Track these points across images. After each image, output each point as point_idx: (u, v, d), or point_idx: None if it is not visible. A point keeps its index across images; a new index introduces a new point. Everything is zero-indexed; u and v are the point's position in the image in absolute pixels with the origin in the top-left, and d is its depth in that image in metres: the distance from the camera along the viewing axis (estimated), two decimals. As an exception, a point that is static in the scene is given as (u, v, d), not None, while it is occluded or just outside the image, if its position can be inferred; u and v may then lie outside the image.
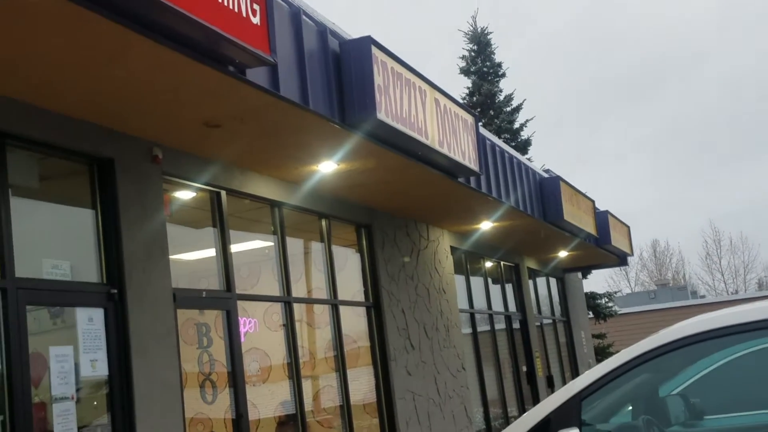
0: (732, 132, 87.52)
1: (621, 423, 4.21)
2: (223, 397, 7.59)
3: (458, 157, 8.78)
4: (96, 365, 5.89)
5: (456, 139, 8.76)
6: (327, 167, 8.12)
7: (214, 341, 7.72)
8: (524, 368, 15.56)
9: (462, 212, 11.45)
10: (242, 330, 7.89)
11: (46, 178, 6.18)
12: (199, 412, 7.67)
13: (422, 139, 7.92)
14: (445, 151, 8.45)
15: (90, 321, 5.91)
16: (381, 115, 7.06)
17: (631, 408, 4.34)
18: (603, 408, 4.20)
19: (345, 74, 6.96)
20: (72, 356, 5.70)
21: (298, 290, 8.98)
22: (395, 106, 7.34)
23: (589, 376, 4.01)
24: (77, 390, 5.71)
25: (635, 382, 4.31)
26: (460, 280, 13.30)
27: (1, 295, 5.22)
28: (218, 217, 7.72)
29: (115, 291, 6.13)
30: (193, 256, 8.11)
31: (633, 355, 3.97)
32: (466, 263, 13.78)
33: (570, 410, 3.90)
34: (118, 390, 6.02)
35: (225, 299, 7.57)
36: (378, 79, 7.04)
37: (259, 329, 8.55)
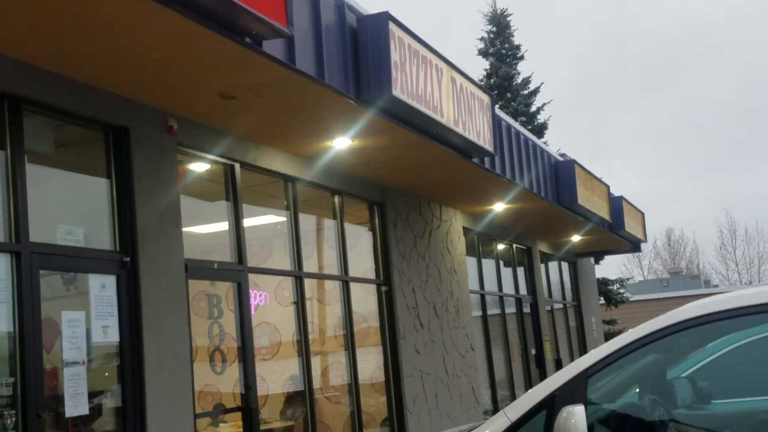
0: (748, 121, 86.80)
1: (627, 402, 4.21)
2: (232, 369, 7.65)
3: (473, 137, 8.75)
4: (108, 332, 5.94)
5: (471, 119, 8.73)
6: (341, 143, 8.12)
7: (225, 313, 7.78)
8: (533, 351, 15.58)
9: (475, 193, 11.44)
10: (253, 303, 7.93)
11: (61, 145, 6.22)
12: (208, 383, 7.74)
13: (437, 118, 7.90)
14: (459, 130, 8.43)
15: (102, 288, 5.96)
16: (396, 92, 7.04)
17: (637, 389, 4.35)
18: (609, 387, 4.20)
19: (361, 50, 6.94)
20: (84, 322, 5.75)
21: (309, 266, 9.01)
22: (411, 83, 7.32)
23: (596, 354, 4.01)
24: (88, 355, 5.77)
25: (643, 362, 4.30)
26: (471, 262, 13.31)
27: (14, 259, 5.27)
28: (232, 191, 7.75)
29: (128, 259, 6.17)
30: (205, 229, 8.15)
31: (641, 334, 3.96)
32: (479, 245, 13.77)
33: (576, 387, 3.90)
34: (129, 357, 6.08)
35: (237, 271, 7.61)
36: (394, 56, 7.02)
37: (270, 304, 8.60)
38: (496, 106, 9.98)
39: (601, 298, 23.33)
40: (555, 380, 4.01)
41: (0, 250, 5.23)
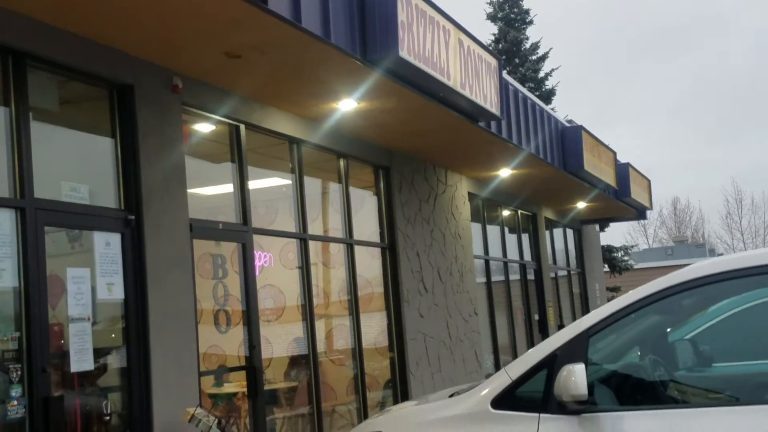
0: (759, 90, 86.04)
1: (627, 362, 4.23)
2: (236, 331, 7.70)
3: (479, 100, 8.71)
4: (112, 289, 5.97)
5: (478, 82, 8.68)
6: (347, 105, 8.09)
7: (230, 274, 7.81)
8: (536, 317, 15.64)
9: (481, 158, 11.40)
10: (257, 264, 7.96)
11: (66, 102, 6.20)
12: (213, 344, 7.79)
13: (444, 80, 7.85)
14: (466, 93, 8.38)
15: (107, 245, 5.98)
16: (403, 53, 6.99)
17: (638, 350, 4.36)
18: (610, 347, 4.22)
19: (368, 9, 6.88)
20: (89, 279, 5.79)
21: (314, 229, 9.02)
22: (418, 44, 7.27)
23: (597, 314, 4.03)
24: (93, 312, 5.80)
25: (644, 324, 4.32)
26: (476, 227, 13.31)
27: (19, 214, 5.29)
28: (237, 152, 7.74)
29: (133, 217, 6.18)
30: (210, 190, 8.15)
31: (643, 295, 3.97)
32: (484, 210, 13.76)
33: (577, 347, 3.92)
34: (134, 314, 6.12)
35: (241, 232, 7.62)
36: (402, 16, 6.95)
37: (275, 266, 8.63)
38: (504, 71, 9.91)
39: (606, 266, 23.37)
40: (556, 339, 4.03)
41: (5, 206, 5.25)
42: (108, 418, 6.03)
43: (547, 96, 22.46)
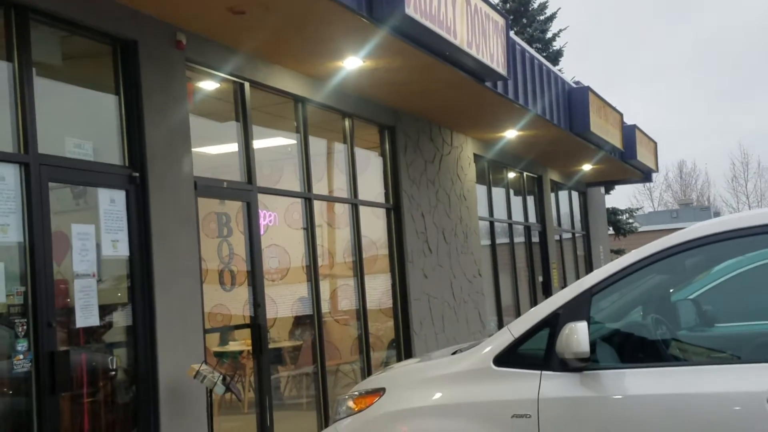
0: (765, 52, 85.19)
1: (630, 321, 4.25)
2: (241, 290, 7.73)
3: (486, 60, 8.63)
4: (117, 246, 5.99)
5: (485, 41, 8.60)
6: (352, 63, 8.03)
7: (234, 233, 7.82)
8: (540, 279, 15.69)
9: (487, 119, 11.34)
10: (262, 223, 7.97)
11: (69, 57, 6.17)
12: (218, 303, 7.84)
13: (450, 39, 7.78)
14: (473, 52, 8.31)
15: (112, 202, 5.98)
16: (410, 11, 6.92)
17: (641, 309, 4.37)
18: (613, 306, 4.23)
19: (374, -35, 6.79)
20: (93, 235, 5.79)
21: (319, 189, 9.01)
22: (425, 2, 7.18)
23: (600, 273, 4.04)
24: (98, 269, 5.83)
25: (647, 283, 4.33)
26: (481, 189, 13.29)
27: (23, 170, 5.28)
28: (241, 110, 7.70)
29: (137, 174, 6.18)
30: (215, 149, 8.13)
31: (646, 254, 3.97)
32: (489, 172, 13.73)
33: (579, 305, 3.94)
34: (139, 271, 6.14)
35: (246, 191, 7.62)
36: (408, -27, 6.86)
37: (280, 226, 8.64)
38: (511, 31, 9.81)
39: (610, 228, 23.36)
40: (559, 298, 4.05)
41: (8, 161, 5.23)
42: (114, 373, 6.09)
43: (555, 57, 22.28)
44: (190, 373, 6.13)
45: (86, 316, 5.63)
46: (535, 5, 22.59)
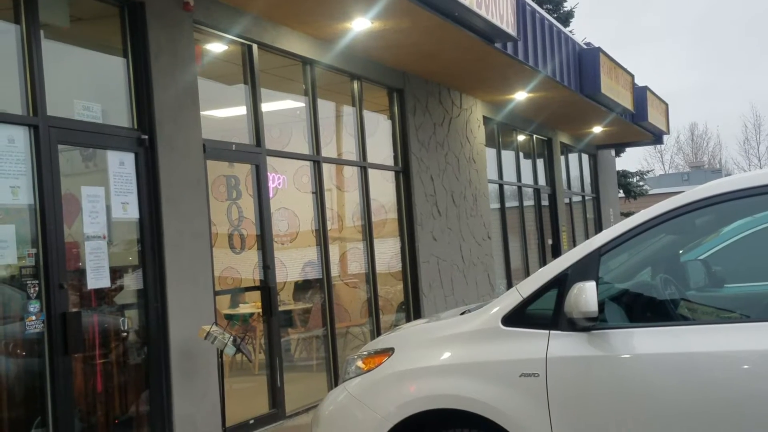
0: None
1: (639, 281, 4.25)
2: (251, 253, 7.76)
3: (496, 20, 8.55)
4: (127, 208, 6.01)
5: (495, 1, 8.51)
6: (360, 25, 7.96)
7: (243, 196, 7.83)
8: (550, 242, 15.68)
9: (496, 80, 11.26)
10: (271, 186, 7.97)
11: (77, 20, 6.13)
12: (228, 266, 7.87)
13: (459, -1, 7.70)
14: (482, 12, 8.22)
15: (121, 164, 5.99)
16: (418, -29, 6.84)
17: (650, 269, 4.37)
18: (622, 267, 4.23)
19: (382, -76, 6.71)
20: (103, 198, 5.81)
21: (328, 152, 8.99)
22: (433, -39, 7.10)
23: (609, 233, 4.02)
24: (108, 231, 5.85)
25: (657, 244, 4.32)
26: (491, 153, 13.24)
27: (33, 132, 5.29)
28: (249, 73, 7.66)
29: (146, 137, 6.18)
30: (223, 112, 8.11)
31: (656, 213, 3.96)
32: (499, 135, 13.67)
33: (588, 265, 3.93)
34: (149, 233, 6.17)
35: (255, 154, 7.61)
36: (416, -68, 6.78)
37: (289, 189, 8.64)
38: (521, -10, 9.70)
39: (620, 191, 23.28)
40: (568, 258, 4.04)
41: (18, 123, 5.24)
42: (125, 334, 6.14)
43: (566, 18, 22.04)
44: (200, 335, 6.18)
45: (97, 278, 5.67)
46: (546, -35, 22.31)
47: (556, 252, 15.75)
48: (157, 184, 6.22)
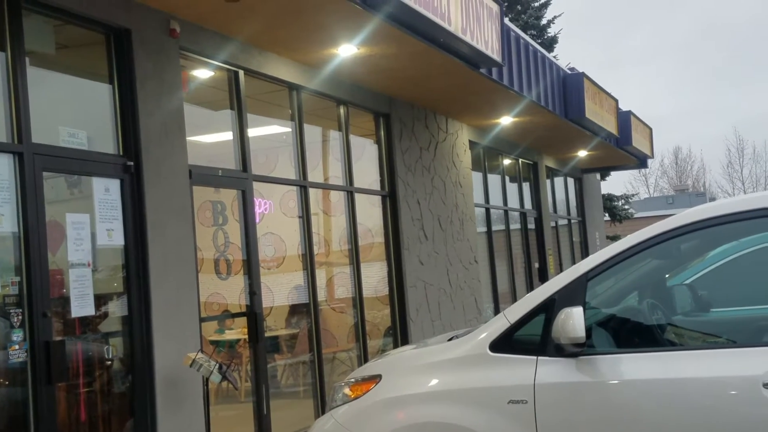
0: (764, 36, 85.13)
1: (625, 306, 4.25)
2: (237, 279, 7.73)
3: (481, 46, 8.61)
4: (112, 235, 5.98)
5: (479, 28, 8.57)
6: (347, 51, 8.00)
7: (230, 221, 7.81)
8: (536, 265, 15.70)
9: (482, 105, 11.32)
10: (257, 211, 7.96)
11: (63, 47, 6.13)
12: (214, 291, 7.83)
13: (445, 25, 7.75)
14: (467, 39, 8.28)
15: (106, 191, 5.96)
16: (403, -3, 6.89)
17: (637, 294, 4.37)
18: (609, 291, 4.23)
19: (368, -48, 6.76)
20: (88, 224, 5.78)
21: (314, 177, 9.00)
22: (418, -12, 7.15)
23: (596, 258, 4.03)
24: (93, 258, 5.81)
25: (643, 268, 4.33)
26: (477, 177, 13.29)
27: (17, 159, 5.26)
28: (236, 98, 7.67)
29: (132, 163, 6.15)
30: (210, 137, 8.11)
31: (642, 239, 3.97)
32: (485, 159, 13.72)
33: (575, 290, 3.94)
34: (134, 260, 6.13)
35: (241, 179, 7.60)
36: (401, -41, 6.83)
37: (275, 214, 8.62)
38: (506, 18, 9.78)
39: (606, 214, 23.39)
40: (555, 283, 4.05)
41: (2, 151, 5.21)
42: (110, 363, 6.08)
43: (549, 44, 22.24)
44: (186, 362, 6.13)
45: (82, 306, 5.62)
46: (530, -9, 22.57)
47: (543, 276, 15.76)
48: (143, 211, 6.19)
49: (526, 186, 15.80)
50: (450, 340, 4.52)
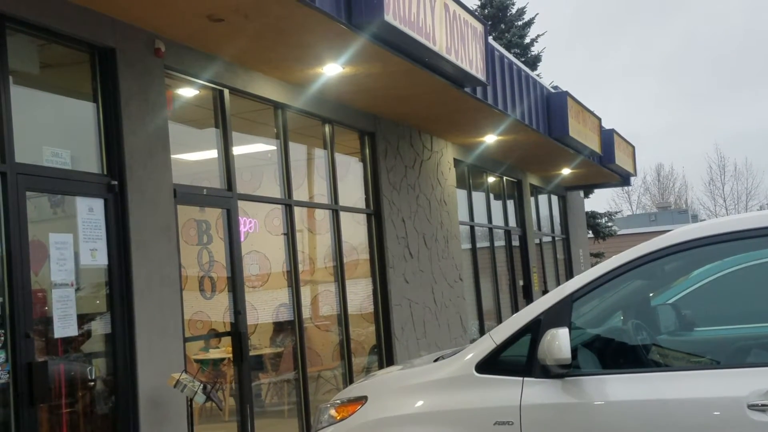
0: (746, 54, 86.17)
1: (610, 327, 4.26)
2: (222, 297, 7.70)
3: (465, 66, 8.65)
4: (96, 255, 5.94)
5: (464, 47, 8.62)
6: (332, 70, 8.02)
7: (215, 240, 7.79)
8: (521, 282, 15.73)
9: (467, 124, 11.37)
10: (242, 230, 7.94)
11: (47, 66, 6.11)
12: (198, 310, 7.79)
13: (429, 45, 7.79)
14: (452, 58, 8.33)
15: (90, 211, 5.93)
16: (389, 17, 6.92)
17: (621, 314, 4.39)
18: (594, 312, 4.25)
19: (353, -28, 6.79)
20: (71, 244, 5.74)
21: (299, 195, 8.99)
22: (403, 8, 7.19)
23: (581, 279, 4.05)
24: (76, 278, 5.77)
25: (628, 289, 4.35)
26: (461, 194, 13.32)
27: (0, 179, 5.22)
28: (221, 117, 7.67)
29: (116, 183, 6.13)
30: (194, 156, 8.09)
31: (626, 260, 3.99)
32: (469, 177, 13.76)
33: (560, 311, 3.94)
34: (118, 280, 6.09)
35: (226, 198, 7.59)
36: (386, -21, 6.87)
37: (260, 233, 8.61)
38: (490, 36, 9.85)
39: (590, 231, 23.49)
40: (540, 304, 4.05)
41: (-15, 171, 5.18)
42: (93, 383, 6.03)
43: (533, 62, 22.39)
44: (170, 383, 6.08)
45: (64, 326, 5.57)
46: (513, 11, 22.71)
47: (528, 293, 15.79)
48: (127, 230, 6.16)
49: (510, 204, 15.86)
50: (436, 360, 4.51)
